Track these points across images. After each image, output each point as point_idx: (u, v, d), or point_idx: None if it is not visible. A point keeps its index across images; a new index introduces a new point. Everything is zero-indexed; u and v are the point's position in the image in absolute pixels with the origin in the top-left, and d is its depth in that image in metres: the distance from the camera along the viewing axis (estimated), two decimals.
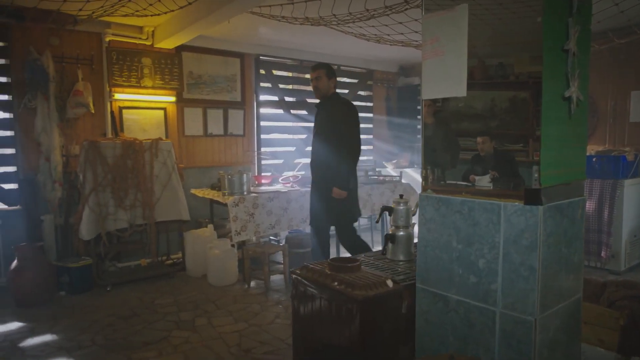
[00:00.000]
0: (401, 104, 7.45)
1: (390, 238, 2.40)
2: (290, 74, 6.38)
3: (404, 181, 5.65)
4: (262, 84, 6.08)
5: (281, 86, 6.29)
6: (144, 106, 5.10)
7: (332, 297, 1.99)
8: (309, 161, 3.95)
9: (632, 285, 2.48)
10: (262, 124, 6.15)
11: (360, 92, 7.19)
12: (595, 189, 4.60)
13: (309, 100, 6.36)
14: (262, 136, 6.17)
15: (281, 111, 6.32)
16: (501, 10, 1.63)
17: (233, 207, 4.11)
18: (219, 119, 5.69)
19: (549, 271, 1.60)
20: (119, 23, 4.74)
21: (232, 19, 4.22)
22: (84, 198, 4.13)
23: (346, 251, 3.93)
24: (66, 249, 4.45)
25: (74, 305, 3.83)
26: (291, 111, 6.33)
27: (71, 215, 4.39)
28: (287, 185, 4.84)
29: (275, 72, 6.20)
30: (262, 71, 6.04)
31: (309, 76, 3.93)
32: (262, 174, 5.65)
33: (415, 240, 2.17)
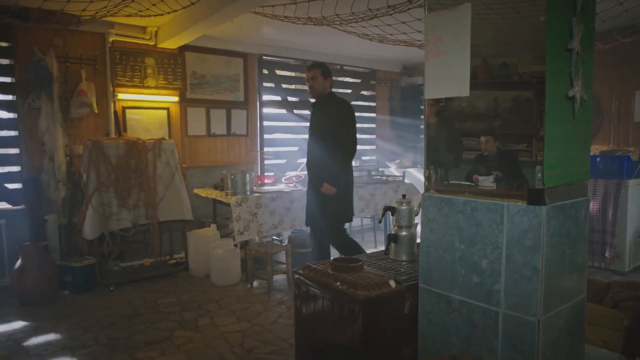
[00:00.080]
0: (404, 103, 7.43)
1: (393, 238, 2.40)
2: (293, 73, 6.38)
3: (407, 181, 5.64)
4: (265, 84, 6.09)
5: (284, 86, 6.29)
6: (147, 106, 5.12)
7: (335, 297, 1.98)
8: (305, 161, 3.94)
9: (636, 286, 2.46)
10: (265, 123, 6.16)
11: (363, 92, 7.18)
12: (600, 189, 4.57)
13: (312, 100, 6.35)
14: (265, 136, 6.18)
15: (284, 111, 6.32)
16: (504, 10, 1.62)
17: (236, 207, 4.12)
18: (222, 118, 5.70)
19: (552, 272, 1.59)
20: (122, 23, 4.75)
21: (235, 18, 4.23)
22: (88, 198, 4.14)
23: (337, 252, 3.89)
24: (70, 248, 4.47)
25: (77, 304, 3.85)
26: (294, 111, 6.34)
27: (75, 215, 4.41)
28: (290, 185, 4.84)
29: (278, 72, 6.20)
30: (265, 71, 6.05)
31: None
32: (265, 174, 5.65)
33: (418, 241, 2.17)
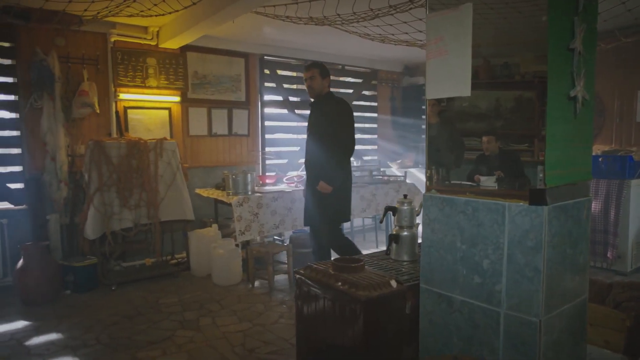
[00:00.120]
0: (406, 103, 7.43)
1: (394, 238, 2.39)
2: (294, 73, 6.38)
3: (408, 181, 5.63)
4: (266, 84, 6.09)
5: (285, 86, 6.29)
6: (149, 106, 5.12)
7: (336, 297, 1.98)
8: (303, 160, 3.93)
9: (638, 287, 2.46)
10: (267, 123, 6.16)
11: (364, 92, 7.18)
12: (602, 189, 4.56)
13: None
14: (267, 136, 6.18)
15: (285, 111, 6.33)
16: (506, 9, 1.62)
17: (237, 206, 4.12)
18: (223, 118, 5.70)
19: (554, 272, 1.59)
20: (124, 23, 4.76)
21: (236, 19, 4.23)
22: (89, 197, 4.15)
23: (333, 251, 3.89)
24: (71, 248, 4.48)
25: (79, 304, 3.85)
26: (295, 111, 6.34)
27: (76, 215, 4.41)
28: (292, 185, 4.83)
29: (280, 72, 6.20)
30: (267, 71, 6.05)
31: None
32: (267, 174, 5.65)
33: (419, 241, 2.17)
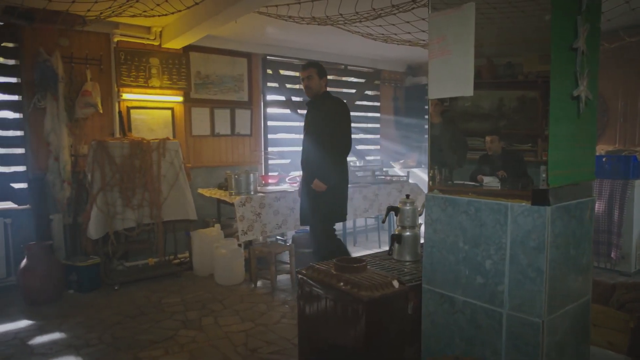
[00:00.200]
0: (409, 103, 7.42)
1: (397, 238, 2.39)
2: (297, 73, 6.36)
3: (411, 181, 5.63)
4: (269, 84, 6.09)
5: (288, 86, 6.29)
6: (152, 106, 5.13)
7: (338, 297, 1.98)
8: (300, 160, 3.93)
9: None
10: (269, 123, 6.16)
11: (367, 92, 7.17)
12: (605, 189, 4.54)
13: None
14: (269, 136, 6.18)
15: (288, 111, 6.33)
16: (509, 9, 1.61)
17: (240, 206, 4.12)
18: (226, 118, 5.71)
19: (557, 273, 1.58)
20: (127, 23, 4.77)
21: (239, 18, 4.23)
22: (92, 197, 4.16)
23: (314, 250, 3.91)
24: (75, 248, 4.49)
25: (82, 303, 3.86)
26: (298, 111, 6.33)
27: (80, 215, 4.43)
28: (294, 185, 4.83)
29: (283, 72, 6.20)
30: (269, 71, 6.05)
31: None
32: (269, 174, 5.65)
33: (422, 241, 2.16)
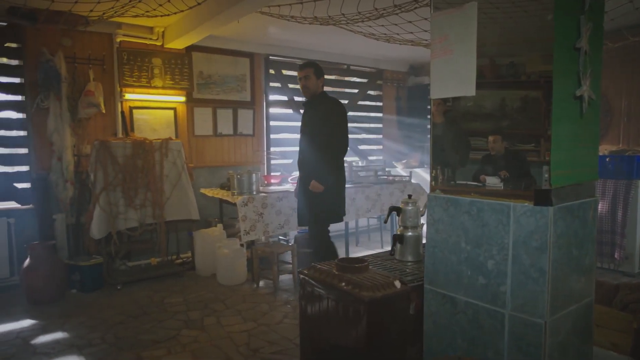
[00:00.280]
0: (411, 103, 7.41)
1: (399, 238, 2.38)
2: None
3: (413, 181, 5.62)
4: (271, 84, 6.09)
5: (290, 86, 6.29)
6: (154, 106, 5.14)
7: (340, 297, 1.98)
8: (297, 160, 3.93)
9: None
10: (272, 123, 6.16)
11: (369, 92, 7.16)
12: (609, 189, 4.53)
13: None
14: (272, 136, 6.18)
15: (290, 111, 6.33)
16: (511, 8, 1.61)
17: (242, 206, 4.12)
18: (228, 118, 5.71)
19: (560, 273, 1.57)
20: (129, 24, 4.78)
21: (241, 18, 4.24)
22: (95, 197, 4.17)
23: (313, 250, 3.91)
24: (77, 247, 4.50)
25: (84, 303, 3.87)
26: (300, 111, 6.31)
27: (82, 214, 4.44)
28: (296, 185, 4.83)
29: (285, 72, 6.20)
30: (272, 71, 6.05)
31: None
32: (272, 174, 5.66)
33: (424, 241, 2.16)
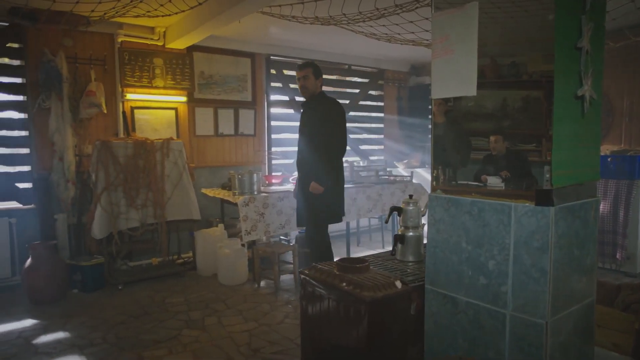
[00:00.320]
0: (412, 103, 7.40)
1: (400, 239, 2.38)
2: None
3: (415, 181, 5.61)
4: (272, 84, 6.09)
5: (292, 86, 6.28)
6: (156, 106, 5.14)
7: (341, 297, 1.98)
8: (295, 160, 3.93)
9: None
10: (273, 123, 6.16)
11: (371, 92, 7.16)
12: (611, 189, 4.51)
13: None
14: (273, 136, 6.18)
15: (292, 111, 6.33)
16: (512, 8, 1.60)
17: (243, 206, 4.12)
18: (229, 118, 5.71)
19: (561, 273, 1.57)
20: (130, 24, 4.78)
21: (242, 18, 4.24)
22: (96, 197, 4.17)
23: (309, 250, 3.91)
24: (79, 247, 4.51)
25: (86, 303, 3.88)
26: (301, 111, 6.32)
27: (84, 214, 4.44)
28: None
29: (286, 72, 6.20)
30: (273, 71, 6.05)
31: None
32: (273, 174, 5.66)
33: (425, 241, 2.15)
